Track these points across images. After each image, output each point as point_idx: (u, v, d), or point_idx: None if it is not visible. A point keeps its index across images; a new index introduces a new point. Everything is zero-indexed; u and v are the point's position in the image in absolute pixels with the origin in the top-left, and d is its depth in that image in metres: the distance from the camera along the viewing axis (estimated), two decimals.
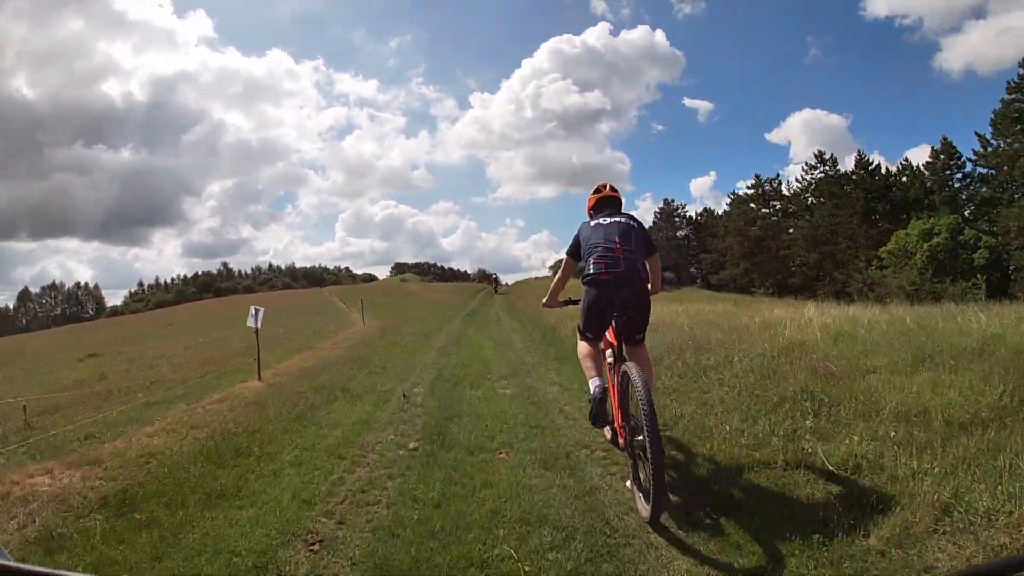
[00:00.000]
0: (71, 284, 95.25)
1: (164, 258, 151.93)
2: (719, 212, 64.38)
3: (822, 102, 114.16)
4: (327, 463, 4.22)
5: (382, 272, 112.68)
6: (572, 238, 3.75)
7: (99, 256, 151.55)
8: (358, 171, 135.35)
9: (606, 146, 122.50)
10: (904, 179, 47.06)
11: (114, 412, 8.27)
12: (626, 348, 3.59)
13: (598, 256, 3.45)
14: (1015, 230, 32.32)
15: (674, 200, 69.09)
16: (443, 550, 2.74)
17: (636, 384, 2.97)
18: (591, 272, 3.47)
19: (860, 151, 50.50)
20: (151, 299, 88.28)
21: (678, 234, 66.90)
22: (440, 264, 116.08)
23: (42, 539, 3.14)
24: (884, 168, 48.68)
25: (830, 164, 51.70)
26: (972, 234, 36.01)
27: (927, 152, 46.90)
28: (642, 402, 2.86)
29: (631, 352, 3.57)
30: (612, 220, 3.62)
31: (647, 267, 3.60)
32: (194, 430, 6.04)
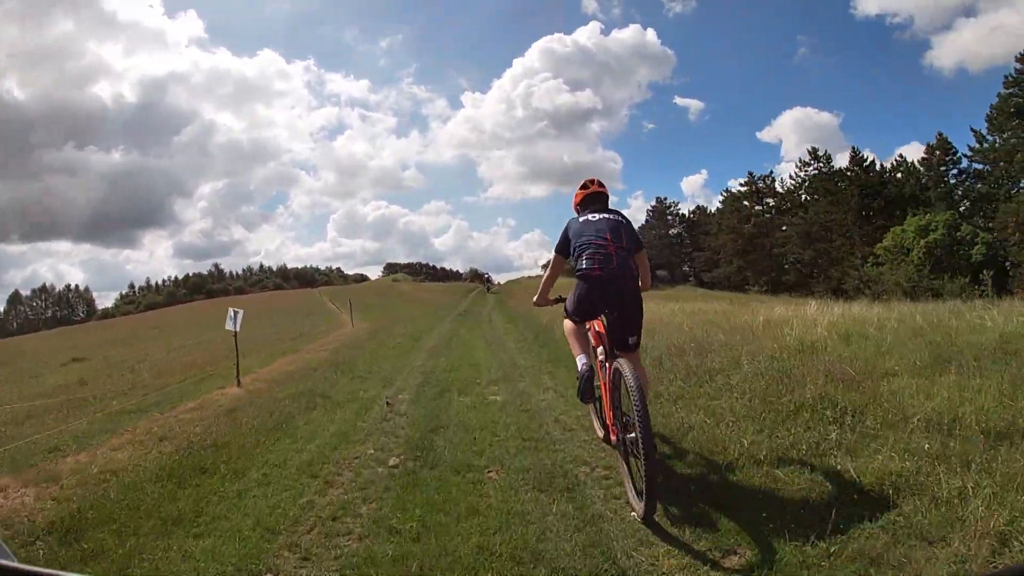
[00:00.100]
0: (62, 287, 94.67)
1: (156, 260, 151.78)
2: (712, 210, 64.31)
3: (813, 100, 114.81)
4: (298, 483, 3.81)
5: (374, 272, 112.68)
6: (560, 234, 3.71)
7: (91, 258, 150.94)
8: (350, 171, 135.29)
9: (597, 145, 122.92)
10: (899, 175, 46.99)
11: (84, 422, 7.88)
12: (621, 355, 3.49)
13: (591, 252, 3.41)
14: (1013, 226, 32.08)
15: (666, 198, 68.86)
16: None
17: (628, 381, 2.92)
18: (583, 267, 3.43)
19: (855, 147, 50.46)
20: (142, 301, 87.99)
21: (671, 232, 66.74)
22: (432, 264, 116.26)
23: None
24: (879, 165, 48.71)
25: (824, 161, 51.63)
26: (969, 230, 35.87)
27: (918, 149, 47.11)
28: (634, 399, 2.82)
29: (628, 357, 3.46)
30: (601, 216, 3.58)
31: (637, 264, 3.58)
32: (162, 442, 5.69)
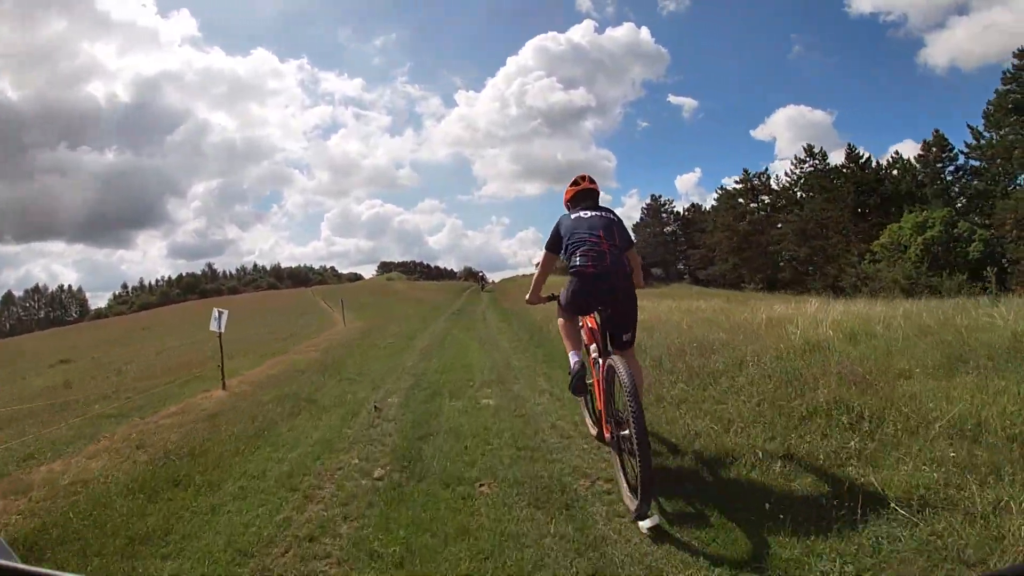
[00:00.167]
0: (55, 287, 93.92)
1: (149, 260, 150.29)
2: (706, 207, 64.11)
3: (807, 98, 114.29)
4: (275, 497, 3.53)
5: (368, 271, 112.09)
6: (551, 230, 3.70)
7: (84, 258, 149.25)
8: (343, 170, 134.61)
9: (591, 143, 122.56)
10: (895, 172, 46.87)
11: (63, 427, 7.60)
12: (614, 353, 3.47)
13: (584, 250, 3.40)
14: (1011, 222, 31.91)
15: (661, 196, 68.57)
16: None
17: (622, 377, 2.91)
18: (577, 264, 3.41)
19: (850, 144, 50.24)
20: (135, 301, 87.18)
21: (665, 230, 66.48)
22: (426, 263, 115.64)
23: None
24: (874, 162, 48.59)
25: (820, 158, 51.48)
26: (966, 227, 35.74)
27: (911, 147, 47.02)
28: (628, 396, 2.79)
29: (623, 355, 3.44)
30: (594, 214, 3.58)
31: (629, 261, 3.57)
32: (138, 450, 5.44)
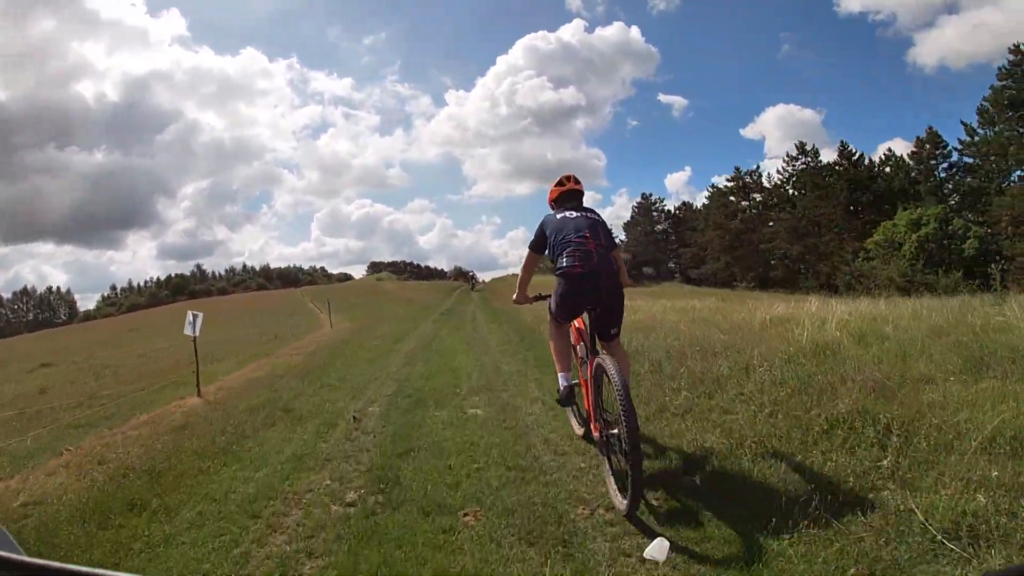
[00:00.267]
0: (44, 289, 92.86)
1: (139, 260, 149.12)
2: (698, 206, 63.98)
3: (796, 97, 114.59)
4: (236, 525, 3.13)
5: (358, 271, 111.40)
6: (536, 230, 3.70)
7: (74, 260, 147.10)
8: (333, 170, 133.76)
9: (581, 142, 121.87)
10: (887, 170, 46.80)
11: (29, 438, 7.18)
12: (600, 344, 3.52)
13: (571, 250, 3.39)
14: (1007, 219, 31.70)
15: (651, 194, 68.39)
16: None
17: (613, 377, 2.91)
18: (564, 265, 3.40)
19: (843, 141, 50.20)
20: (124, 303, 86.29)
21: (656, 228, 66.29)
22: (416, 263, 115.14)
23: None
24: (867, 159, 48.53)
25: (812, 155, 51.38)
26: (961, 224, 35.62)
27: (900, 146, 47.00)
28: (619, 395, 2.80)
29: (606, 347, 3.51)
30: (579, 214, 3.59)
31: (615, 260, 3.57)
32: (100, 466, 5.04)
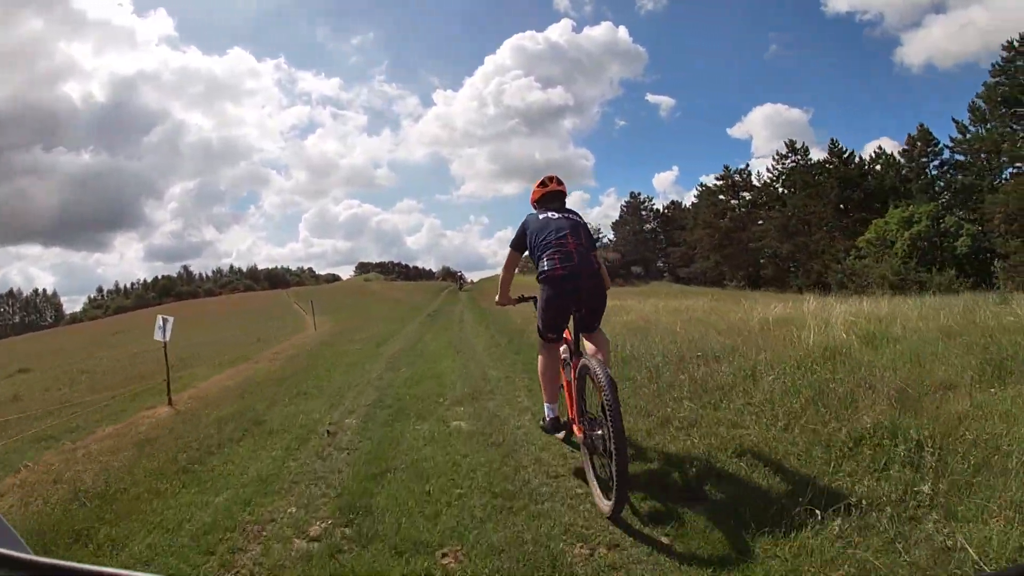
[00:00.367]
0: (30, 291, 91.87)
1: (126, 262, 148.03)
2: (686, 205, 63.99)
3: (783, 97, 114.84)
4: (186, 563, 2.73)
5: (346, 272, 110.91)
6: (517, 229, 3.70)
7: (61, 262, 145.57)
8: (321, 170, 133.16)
9: (569, 142, 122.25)
10: (878, 168, 46.86)
11: None
12: (584, 335, 3.55)
13: (551, 252, 3.38)
14: (1000, 217, 31.59)
15: (640, 193, 68.39)
16: None
17: (599, 378, 2.88)
18: (546, 269, 3.37)
19: (833, 139, 50.28)
20: (110, 305, 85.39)
21: (645, 227, 66.22)
22: (405, 263, 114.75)
23: None
24: (857, 157, 48.59)
25: (802, 153, 51.40)
26: (953, 221, 35.59)
27: (888, 145, 47.11)
28: (606, 396, 2.79)
29: (589, 337, 3.52)
30: (561, 215, 3.58)
31: (595, 260, 3.55)
32: (55, 485, 4.65)
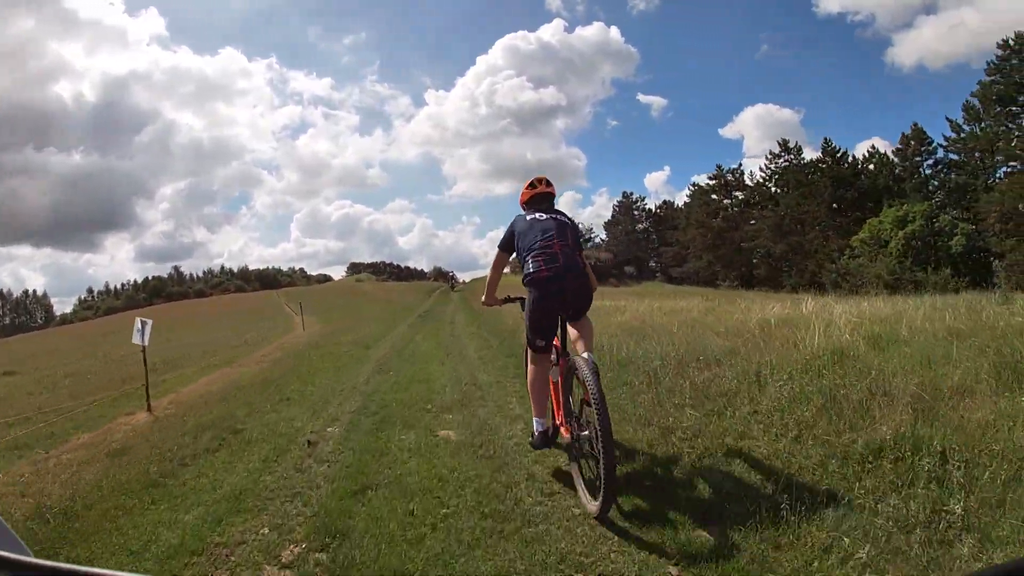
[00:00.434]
0: (20, 292, 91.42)
1: (117, 263, 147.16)
2: (678, 205, 64.00)
3: (775, 97, 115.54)
4: None
5: (338, 272, 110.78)
6: (506, 230, 3.68)
7: (51, 263, 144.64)
8: (313, 170, 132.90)
9: (561, 142, 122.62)
10: (871, 167, 46.90)
11: None
12: (570, 323, 3.52)
13: (536, 254, 3.35)
14: (995, 216, 31.54)
15: (632, 193, 68.43)
16: None
17: (586, 378, 2.90)
18: (531, 271, 3.34)
19: (826, 138, 50.36)
20: (100, 306, 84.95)
21: (637, 227, 66.17)
22: (396, 263, 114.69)
23: None
24: (851, 156, 48.65)
25: (795, 153, 51.43)
26: (947, 221, 35.58)
27: (879, 145, 47.21)
28: (593, 396, 2.80)
29: (575, 324, 3.49)
30: (548, 216, 3.55)
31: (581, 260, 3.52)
32: (22, 499, 4.39)
